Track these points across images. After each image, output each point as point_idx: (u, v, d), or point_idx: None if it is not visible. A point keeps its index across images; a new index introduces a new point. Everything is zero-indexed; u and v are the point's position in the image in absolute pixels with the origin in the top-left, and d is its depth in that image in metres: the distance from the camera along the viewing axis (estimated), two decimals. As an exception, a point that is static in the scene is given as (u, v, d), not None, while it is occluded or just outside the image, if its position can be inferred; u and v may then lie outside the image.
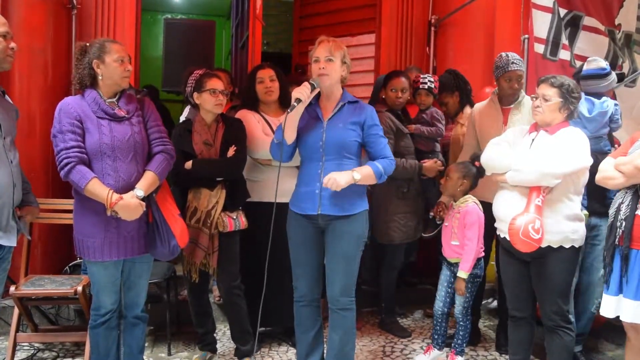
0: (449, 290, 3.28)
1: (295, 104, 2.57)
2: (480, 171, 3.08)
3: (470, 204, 3.17)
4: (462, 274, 3.12)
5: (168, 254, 2.58)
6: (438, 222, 3.38)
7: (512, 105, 3.35)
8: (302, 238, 2.79)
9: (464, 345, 3.31)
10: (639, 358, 2.54)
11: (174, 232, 2.57)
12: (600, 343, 3.72)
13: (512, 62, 3.29)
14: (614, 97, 4.46)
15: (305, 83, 2.63)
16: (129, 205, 2.43)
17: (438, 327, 3.34)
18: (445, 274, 3.32)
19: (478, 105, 3.57)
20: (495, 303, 4.04)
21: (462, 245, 3.17)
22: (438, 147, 3.81)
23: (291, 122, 2.65)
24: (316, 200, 2.69)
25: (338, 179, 2.55)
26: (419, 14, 4.99)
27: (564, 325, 2.70)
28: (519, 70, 3.32)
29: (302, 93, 2.58)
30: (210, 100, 3.00)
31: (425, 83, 3.77)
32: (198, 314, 3.25)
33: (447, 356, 3.34)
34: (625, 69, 4.54)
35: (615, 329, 3.24)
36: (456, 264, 3.23)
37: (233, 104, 3.70)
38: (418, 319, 4.11)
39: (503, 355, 3.48)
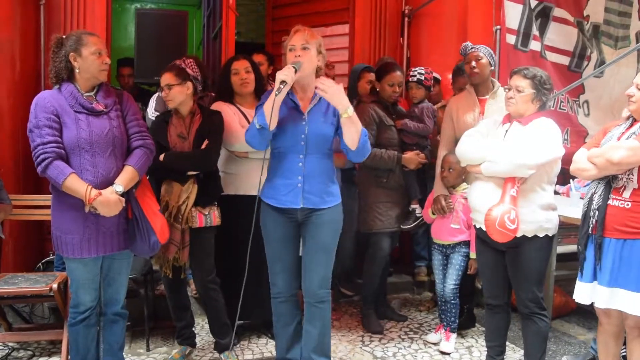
0: (445, 272, 3.49)
1: (281, 86, 2.49)
2: None
3: None
4: (474, 255, 3.23)
5: (148, 250, 2.55)
6: (433, 215, 3.50)
7: (487, 96, 3.40)
8: (280, 233, 2.75)
9: (457, 322, 3.50)
10: (611, 342, 2.62)
11: (154, 227, 2.54)
12: (572, 327, 3.84)
13: (471, 48, 3.40)
14: (582, 89, 4.60)
15: (289, 65, 2.57)
16: (108, 201, 2.39)
17: (444, 307, 3.54)
18: (437, 258, 3.53)
19: (455, 97, 3.61)
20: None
21: (464, 228, 3.38)
22: (426, 141, 3.77)
23: (277, 106, 2.55)
24: (298, 194, 2.65)
25: (338, 91, 2.53)
26: (393, 4, 5.00)
27: (538, 312, 2.76)
28: (474, 51, 3.37)
29: (287, 75, 2.51)
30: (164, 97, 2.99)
31: (415, 75, 3.74)
32: (176, 308, 3.23)
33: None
34: (594, 60, 4.66)
35: (585, 314, 3.33)
36: (449, 246, 3.45)
37: (201, 94, 3.61)
38: (395, 308, 4.14)
39: (480, 342, 3.56)
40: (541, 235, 2.69)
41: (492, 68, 3.42)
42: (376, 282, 3.74)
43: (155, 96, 3.72)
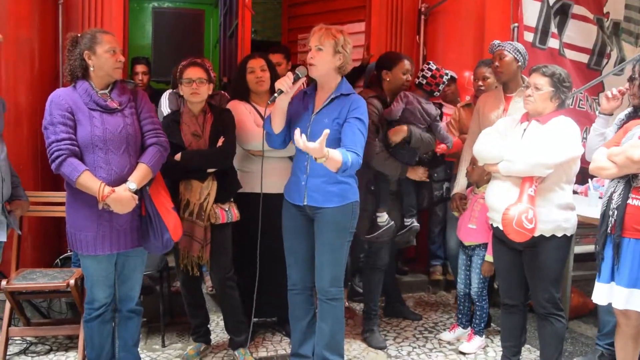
0: (467, 272, 3.46)
1: (276, 94, 2.57)
2: None
3: None
4: (490, 257, 3.21)
5: (161, 247, 2.56)
6: (455, 215, 3.48)
7: (514, 93, 3.34)
8: (293, 227, 2.83)
9: (482, 325, 3.45)
10: (630, 344, 2.58)
11: (167, 225, 2.55)
12: (589, 328, 3.79)
13: (498, 46, 3.34)
14: (602, 87, 4.53)
15: (289, 73, 2.61)
16: (121, 198, 2.40)
17: (461, 307, 3.57)
18: (461, 257, 3.50)
19: (484, 94, 3.56)
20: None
21: (480, 229, 3.29)
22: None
23: (275, 112, 2.64)
24: (302, 191, 2.71)
25: (311, 148, 2.33)
26: (409, 2, 4.96)
27: (555, 312, 2.73)
28: (500, 48, 3.32)
29: (283, 84, 2.56)
30: (186, 90, 2.96)
31: (418, 77, 3.51)
32: (191, 305, 3.24)
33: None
34: (614, 57, 4.60)
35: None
36: (470, 247, 3.41)
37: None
38: (410, 307, 4.13)
39: (495, 341, 3.53)
40: (559, 235, 2.65)
41: (520, 64, 3.33)
42: (377, 294, 3.56)
43: (167, 94, 3.71)
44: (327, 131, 2.34)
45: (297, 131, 2.37)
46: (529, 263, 2.74)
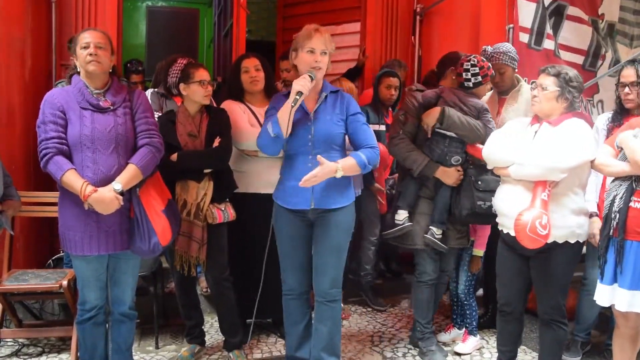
0: (456, 272, 3.43)
1: (297, 97, 2.51)
2: None
3: None
4: (479, 252, 3.27)
5: (148, 251, 2.48)
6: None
7: (507, 95, 3.35)
8: (291, 232, 2.76)
9: (474, 324, 3.43)
10: (627, 345, 2.58)
11: (156, 229, 2.47)
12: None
13: (492, 54, 3.33)
14: (597, 88, 4.54)
15: (305, 75, 2.58)
16: (103, 198, 2.34)
17: (455, 307, 3.54)
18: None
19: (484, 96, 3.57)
20: (480, 291, 4.08)
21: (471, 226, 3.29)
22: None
23: (292, 115, 2.58)
24: (308, 195, 2.65)
25: (319, 176, 2.52)
26: (404, 2, 4.98)
27: (559, 319, 2.68)
28: (497, 62, 3.31)
29: (303, 86, 2.52)
30: (200, 91, 2.95)
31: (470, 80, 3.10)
32: (186, 306, 3.22)
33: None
34: (608, 59, 4.60)
35: (599, 316, 3.29)
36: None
37: None
38: (405, 308, 4.12)
39: (491, 342, 3.52)
40: (572, 241, 2.57)
41: (515, 68, 3.36)
42: (427, 311, 3.26)
43: (148, 94, 3.66)
44: (319, 157, 2.52)
45: (305, 178, 2.51)
46: (538, 269, 2.65)
